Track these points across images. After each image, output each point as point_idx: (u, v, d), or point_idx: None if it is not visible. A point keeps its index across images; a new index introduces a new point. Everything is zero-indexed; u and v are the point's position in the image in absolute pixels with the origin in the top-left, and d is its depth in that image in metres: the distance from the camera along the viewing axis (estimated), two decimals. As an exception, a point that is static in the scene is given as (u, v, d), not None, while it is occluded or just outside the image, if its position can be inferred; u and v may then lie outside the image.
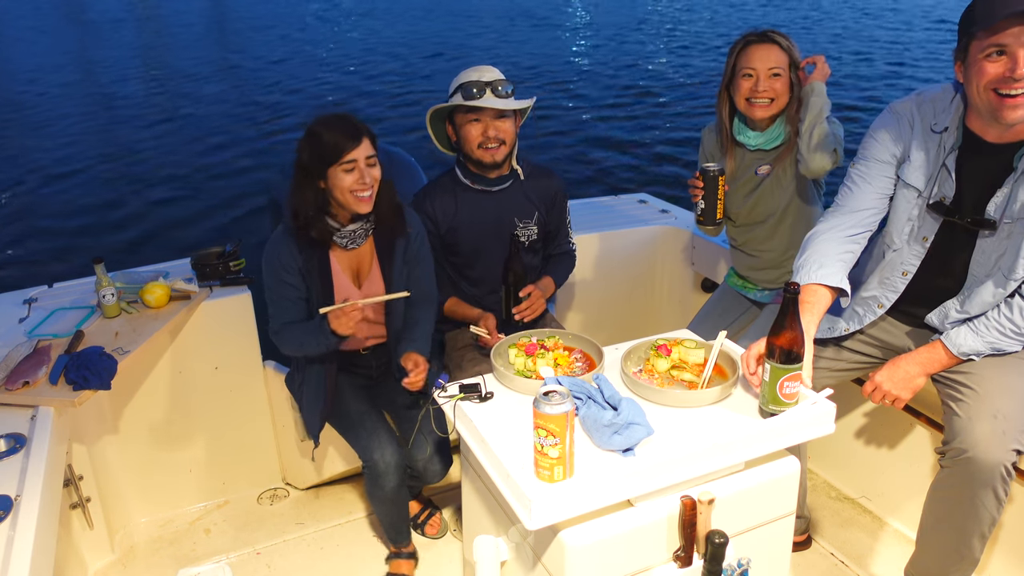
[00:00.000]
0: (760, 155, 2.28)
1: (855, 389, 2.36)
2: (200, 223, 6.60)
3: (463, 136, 2.19)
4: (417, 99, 10.73)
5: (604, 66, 12.97)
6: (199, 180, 7.79)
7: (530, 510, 1.26)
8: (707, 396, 1.55)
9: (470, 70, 2.17)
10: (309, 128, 1.92)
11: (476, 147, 2.17)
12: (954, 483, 1.70)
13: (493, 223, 2.28)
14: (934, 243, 1.80)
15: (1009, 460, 1.63)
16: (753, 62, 2.15)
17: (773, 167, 2.26)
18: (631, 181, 7.37)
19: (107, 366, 1.94)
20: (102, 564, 2.35)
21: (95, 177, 8.02)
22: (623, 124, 9.40)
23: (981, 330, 1.73)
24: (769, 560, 1.57)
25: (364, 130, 1.93)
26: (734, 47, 2.21)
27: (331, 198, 1.94)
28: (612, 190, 6.87)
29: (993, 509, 1.68)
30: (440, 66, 13.32)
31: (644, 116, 9.74)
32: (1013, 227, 1.68)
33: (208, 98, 11.46)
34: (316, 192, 1.93)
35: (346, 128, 1.89)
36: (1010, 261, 1.69)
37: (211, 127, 9.83)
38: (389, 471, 2.04)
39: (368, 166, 1.92)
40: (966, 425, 1.66)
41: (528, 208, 2.32)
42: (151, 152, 8.84)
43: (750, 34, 2.19)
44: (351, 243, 2.02)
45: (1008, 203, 1.67)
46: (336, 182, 1.91)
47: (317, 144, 1.89)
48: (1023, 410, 1.67)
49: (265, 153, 8.56)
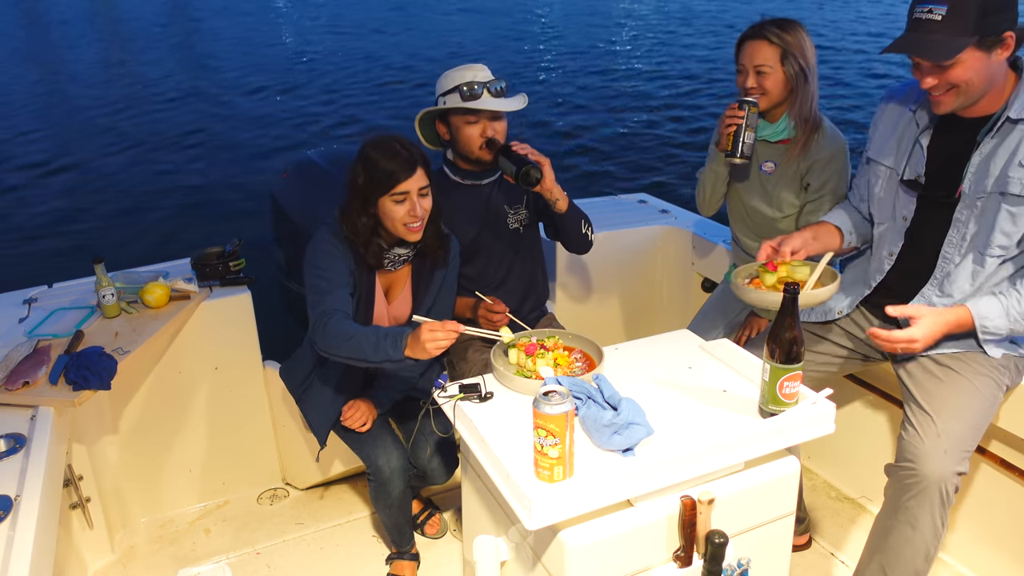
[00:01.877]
0: (766, 147, 2.25)
1: (854, 389, 2.37)
2: (200, 223, 6.60)
3: (461, 137, 2.16)
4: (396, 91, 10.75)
5: (604, 66, 12.97)
6: (199, 180, 7.78)
7: (530, 510, 1.26)
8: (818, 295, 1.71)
9: (462, 70, 2.14)
10: (363, 152, 1.88)
11: (478, 148, 2.16)
12: (895, 507, 1.70)
13: (486, 216, 2.27)
14: (913, 222, 1.83)
15: (951, 482, 1.63)
16: (743, 58, 2.15)
17: (778, 166, 2.23)
18: (631, 181, 7.37)
19: (107, 366, 1.94)
20: (102, 564, 2.35)
21: (95, 177, 8.02)
22: (623, 124, 9.40)
23: (1011, 305, 1.69)
24: (769, 560, 1.57)
25: (419, 159, 1.87)
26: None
27: (380, 224, 1.91)
28: (612, 190, 6.87)
29: (929, 537, 1.66)
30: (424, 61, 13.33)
31: (644, 116, 9.74)
32: (986, 202, 1.69)
33: (207, 99, 11.46)
34: (369, 216, 1.89)
35: (401, 157, 1.84)
36: (984, 237, 1.70)
37: (211, 127, 9.84)
38: (395, 477, 2.04)
39: (420, 196, 1.88)
40: (912, 440, 1.68)
41: (517, 193, 2.30)
42: (151, 151, 8.85)
43: (750, 28, 2.18)
44: (393, 265, 2.00)
45: (977, 179, 1.69)
46: (386, 211, 1.87)
47: (372, 170, 1.85)
48: (969, 435, 1.68)
49: (266, 153, 8.56)
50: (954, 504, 1.68)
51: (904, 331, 1.67)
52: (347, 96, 11.34)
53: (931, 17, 1.57)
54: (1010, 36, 1.58)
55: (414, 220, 1.87)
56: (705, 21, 17.68)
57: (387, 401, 2.14)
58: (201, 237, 5.98)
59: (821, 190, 2.18)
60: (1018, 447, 1.98)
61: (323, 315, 1.80)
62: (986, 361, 1.77)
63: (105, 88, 12.51)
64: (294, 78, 12.76)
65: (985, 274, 1.74)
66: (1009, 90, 1.66)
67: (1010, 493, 2.02)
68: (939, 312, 1.70)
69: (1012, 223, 1.67)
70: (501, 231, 2.29)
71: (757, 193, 2.30)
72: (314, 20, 20.29)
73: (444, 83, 2.15)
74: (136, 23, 21.59)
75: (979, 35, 1.56)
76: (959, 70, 1.59)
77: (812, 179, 2.18)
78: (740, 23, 16.73)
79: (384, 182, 1.83)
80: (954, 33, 1.56)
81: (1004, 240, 1.69)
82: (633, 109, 10.11)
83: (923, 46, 1.59)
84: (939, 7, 1.56)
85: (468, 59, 2.25)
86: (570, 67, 12.98)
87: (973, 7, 1.54)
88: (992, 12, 1.55)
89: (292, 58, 14.80)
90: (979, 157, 1.69)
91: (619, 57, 13.79)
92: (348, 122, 9.89)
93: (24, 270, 5.61)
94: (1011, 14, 1.57)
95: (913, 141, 1.81)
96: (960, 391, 1.73)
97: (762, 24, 2.15)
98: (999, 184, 1.66)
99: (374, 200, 1.86)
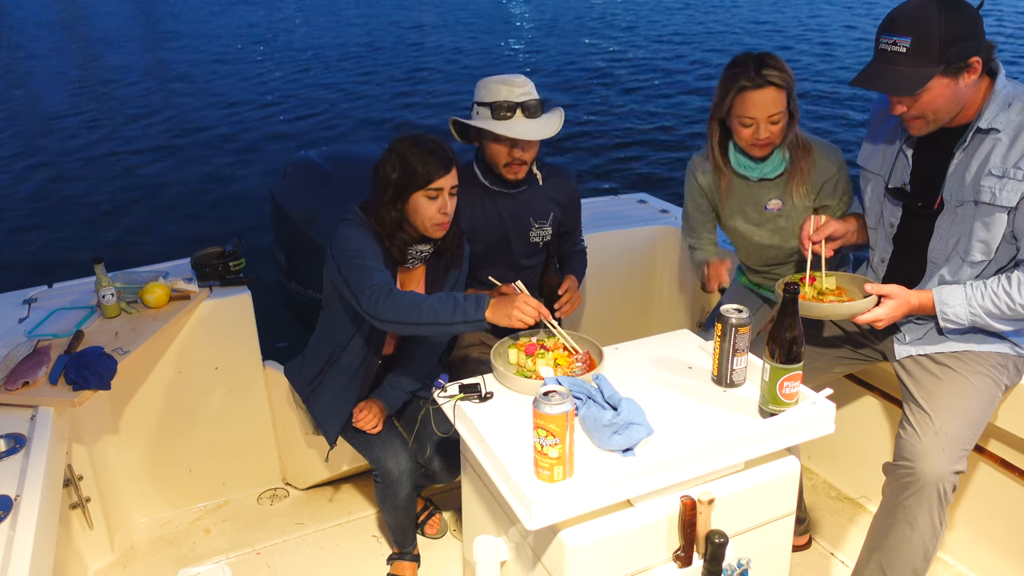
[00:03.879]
0: (766, 185, 2.17)
1: (854, 389, 2.37)
2: (200, 223, 6.60)
3: (488, 150, 2.14)
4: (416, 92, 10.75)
5: (604, 65, 12.97)
6: (199, 180, 7.78)
7: (530, 510, 1.26)
8: (858, 306, 1.73)
9: (499, 83, 2.06)
10: (397, 148, 1.87)
11: (503, 166, 2.14)
12: (893, 506, 1.70)
13: (510, 224, 2.26)
14: (899, 228, 1.85)
15: (949, 480, 1.64)
16: (751, 111, 1.98)
17: (784, 202, 2.17)
18: (631, 181, 7.37)
19: (107, 366, 1.94)
20: (102, 564, 2.35)
21: (94, 177, 8.02)
22: (623, 124, 9.40)
23: (974, 295, 1.71)
24: (769, 560, 1.57)
25: (453, 158, 1.89)
26: (728, 85, 1.99)
27: (406, 219, 1.91)
28: (612, 190, 6.87)
29: (928, 535, 1.67)
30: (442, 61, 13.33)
31: (644, 116, 9.74)
32: (964, 210, 1.70)
33: (208, 99, 11.46)
34: (397, 211, 1.89)
35: (438, 155, 1.85)
36: (965, 244, 1.72)
37: (211, 127, 9.84)
38: (403, 479, 2.04)
39: (451, 195, 1.89)
40: (910, 439, 1.69)
41: (544, 210, 2.30)
42: (152, 151, 8.85)
43: (743, 74, 1.96)
44: (413, 262, 2.00)
45: (955, 188, 1.71)
46: (417, 206, 1.87)
47: (406, 167, 1.85)
48: (968, 434, 1.68)
49: (266, 152, 8.56)
50: (953, 503, 1.69)
51: (872, 312, 1.73)
52: (349, 96, 11.34)
53: (896, 49, 1.58)
54: (976, 61, 1.59)
55: (443, 218, 1.89)
56: (707, 17, 17.68)
57: (397, 402, 2.13)
58: (201, 237, 5.99)
59: (843, 197, 2.16)
60: (1017, 446, 1.99)
61: (379, 286, 1.76)
62: (985, 360, 1.77)
63: (105, 88, 12.52)
64: (295, 77, 12.76)
65: (970, 280, 1.75)
66: (981, 100, 1.66)
67: (1009, 492, 2.02)
68: (908, 294, 1.75)
69: (986, 230, 1.68)
70: (523, 241, 2.29)
71: (768, 232, 2.24)
72: (319, 16, 20.29)
73: (481, 92, 2.09)
74: (136, 22, 21.61)
75: (944, 64, 1.56)
76: (927, 97, 1.61)
77: (828, 199, 2.16)
78: (744, 17, 16.80)
79: (420, 178, 1.84)
80: (919, 64, 1.56)
81: (982, 247, 1.70)
82: (633, 109, 10.10)
83: (888, 81, 1.60)
84: (903, 39, 1.57)
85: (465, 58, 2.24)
86: (569, 66, 12.98)
87: (937, 38, 1.54)
88: (956, 41, 1.55)
89: (295, 55, 14.80)
90: (954, 168, 1.71)
91: (618, 56, 13.79)
92: (349, 122, 9.89)
93: (24, 270, 5.61)
94: (975, 41, 1.58)
95: (898, 150, 1.82)
96: (959, 390, 1.73)
97: (756, 67, 1.96)
98: (973, 193, 1.67)
99: (407, 195, 1.87)
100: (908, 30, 1.56)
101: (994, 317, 1.70)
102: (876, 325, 1.74)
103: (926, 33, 1.54)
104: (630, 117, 9.73)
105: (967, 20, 1.57)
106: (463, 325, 1.67)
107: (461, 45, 15.08)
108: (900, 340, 1.87)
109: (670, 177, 7.39)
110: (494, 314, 1.64)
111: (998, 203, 1.63)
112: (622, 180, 7.43)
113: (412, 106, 10.49)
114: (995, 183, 1.63)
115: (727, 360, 1.59)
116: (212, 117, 10.34)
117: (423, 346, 2.14)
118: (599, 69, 12.63)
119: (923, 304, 1.75)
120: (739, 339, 1.56)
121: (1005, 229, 1.66)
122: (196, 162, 8.39)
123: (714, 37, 15.22)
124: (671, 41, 14.99)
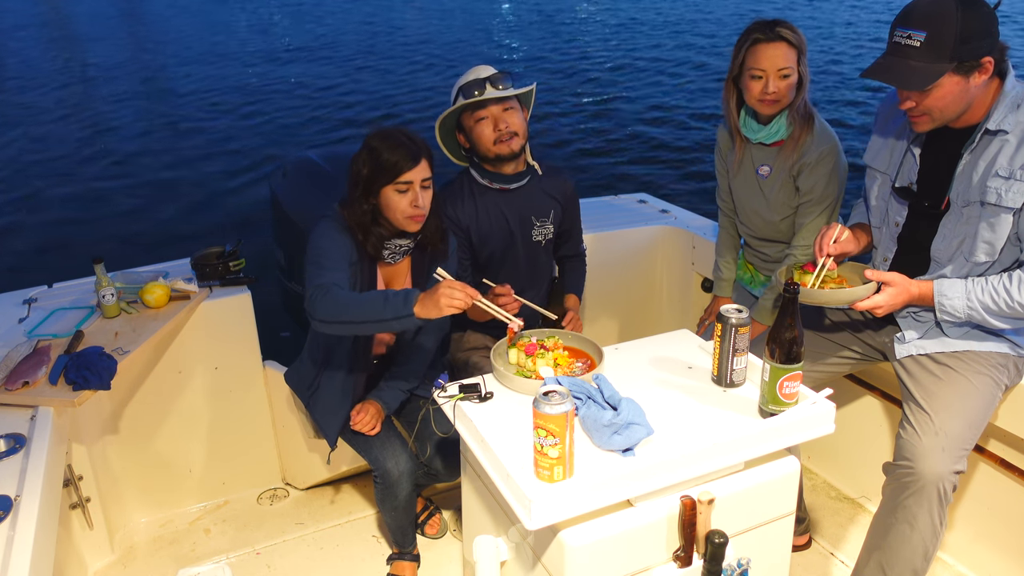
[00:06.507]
0: (761, 150, 2.22)
1: (854, 389, 2.37)
2: (200, 223, 6.60)
3: (476, 138, 2.15)
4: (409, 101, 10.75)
5: (603, 65, 12.97)
6: (200, 180, 7.78)
7: (530, 510, 1.26)
8: (858, 293, 1.73)
9: (466, 74, 2.14)
10: (367, 142, 1.87)
11: (492, 144, 2.13)
12: (893, 505, 1.70)
13: (514, 223, 2.25)
14: (904, 228, 1.84)
15: (949, 480, 1.64)
16: (762, 62, 2.05)
17: (773, 168, 2.22)
18: (631, 181, 7.37)
19: (107, 366, 1.94)
20: (102, 564, 2.35)
21: (94, 176, 8.02)
22: (622, 124, 9.40)
23: (974, 290, 1.71)
24: (769, 560, 1.57)
25: (424, 150, 1.87)
26: (742, 41, 2.10)
27: (380, 214, 1.90)
28: (612, 190, 6.87)
29: (928, 535, 1.67)
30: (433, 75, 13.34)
31: (644, 116, 9.74)
32: (970, 211, 1.70)
33: (207, 98, 11.46)
34: (369, 205, 1.88)
35: (406, 147, 1.84)
36: (969, 245, 1.72)
37: (211, 126, 9.83)
38: (403, 480, 2.04)
39: (423, 188, 1.87)
40: (910, 439, 1.69)
41: (545, 206, 2.30)
42: (152, 151, 8.84)
43: (757, 28, 2.08)
44: (393, 257, 1.99)
45: (961, 189, 1.70)
46: (388, 201, 1.87)
47: (376, 160, 1.84)
48: (968, 434, 1.68)
49: (266, 153, 8.56)
50: (953, 503, 1.69)
51: (872, 298, 1.73)
52: (349, 96, 11.35)
53: (910, 43, 1.58)
54: (988, 61, 1.58)
55: (416, 211, 1.87)
56: (707, 15, 17.67)
57: (395, 401, 2.13)
58: (201, 237, 5.99)
59: (809, 194, 2.17)
60: (1017, 446, 1.99)
61: (322, 286, 1.75)
62: (985, 360, 1.77)
63: (104, 88, 12.52)
64: (296, 77, 12.76)
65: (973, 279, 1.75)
66: (990, 101, 1.66)
67: (1009, 492, 2.02)
68: (908, 282, 1.75)
69: (991, 231, 1.68)
70: (526, 240, 2.29)
71: (756, 196, 2.29)
72: (320, 16, 20.29)
73: (452, 91, 2.15)
74: (137, 21, 21.60)
75: (957, 61, 1.56)
76: (936, 94, 1.60)
77: (800, 182, 2.17)
78: (732, 19, 16.79)
79: (388, 171, 1.83)
80: (932, 59, 1.56)
81: (987, 248, 1.70)
82: (633, 108, 10.10)
83: (900, 74, 1.60)
84: (918, 33, 1.57)
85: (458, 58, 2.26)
86: (568, 65, 12.98)
87: (952, 34, 1.54)
88: (971, 39, 1.55)
89: (296, 55, 14.81)
90: (961, 168, 1.71)
91: (619, 56, 13.79)
92: (349, 122, 9.89)
93: (24, 270, 5.61)
94: (990, 40, 1.57)
95: (906, 149, 1.82)
96: (959, 390, 1.73)
97: (771, 24, 2.06)
98: (979, 194, 1.67)
99: (377, 190, 1.86)
100: (924, 24, 1.56)
101: (991, 313, 1.70)
102: (876, 312, 1.74)
103: (941, 28, 1.54)
104: (631, 117, 9.73)
105: (983, 18, 1.56)
106: (395, 322, 1.65)
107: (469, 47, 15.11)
108: (900, 340, 1.87)
109: (670, 177, 7.39)
110: (423, 307, 1.62)
111: (1004, 204, 1.63)
112: (622, 180, 7.43)
113: (413, 106, 10.49)
114: (1001, 184, 1.63)
115: (727, 360, 1.59)
116: (212, 117, 10.35)
117: (416, 343, 2.14)
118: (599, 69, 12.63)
119: (923, 293, 1.75)
120: (739, 339, 1.56)
121: (1010, 230, 1.66)
122: (196, 162, 8.40)
123: (714, 37, 15.23)
124: (671, 41, 14.99)
